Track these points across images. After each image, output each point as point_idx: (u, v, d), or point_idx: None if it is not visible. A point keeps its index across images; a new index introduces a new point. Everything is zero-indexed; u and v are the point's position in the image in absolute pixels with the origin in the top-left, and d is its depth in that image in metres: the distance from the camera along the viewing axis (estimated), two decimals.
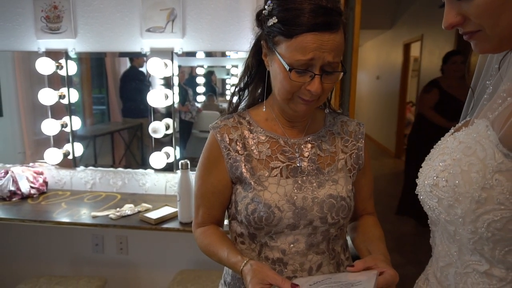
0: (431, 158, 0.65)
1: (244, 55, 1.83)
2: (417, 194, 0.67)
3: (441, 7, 0.55)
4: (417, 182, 0.67)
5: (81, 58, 1.92)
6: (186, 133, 2.01)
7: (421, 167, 0.68)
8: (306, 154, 0.84)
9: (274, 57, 0.75)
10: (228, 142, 0.83)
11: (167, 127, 1.88)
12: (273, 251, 0.81)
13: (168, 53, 1.82)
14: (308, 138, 0.86)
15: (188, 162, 1.56)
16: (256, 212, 0.78)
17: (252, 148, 0.83)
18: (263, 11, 0.76)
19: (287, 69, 0.72)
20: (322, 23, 0.69)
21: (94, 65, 1.96)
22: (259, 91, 0.90)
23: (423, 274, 0.74)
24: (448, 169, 0.57)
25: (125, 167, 2.00)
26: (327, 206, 0.80)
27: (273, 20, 0.72)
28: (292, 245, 0.81)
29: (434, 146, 0.67)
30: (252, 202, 0.79)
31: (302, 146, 0.85)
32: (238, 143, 0.83)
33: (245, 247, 0.85)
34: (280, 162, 0.82)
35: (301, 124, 0.86)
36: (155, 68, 1.78)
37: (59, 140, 2.00)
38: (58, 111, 1.97)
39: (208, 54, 1.85)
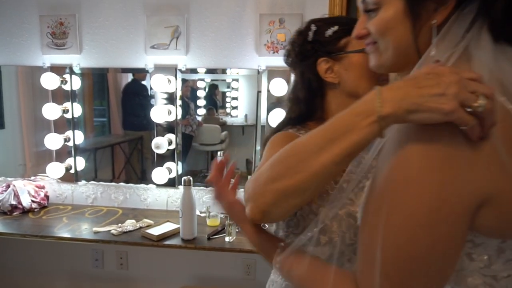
0: None
1: (245, 72, 1.85)
2: None
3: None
4: None
5: (86, 74, 1.94)
6: (187, 146, 2.02)
7: None
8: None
9: (349, 58, 0.81)
10: None
11: (170, 143, 1.89)
12: None
13: (172, 70, 1.84)
14: None
15: (191, 178, 1.57)
16: (352, 228, 0.78)
17: None
18: (310, 33, 0.83)
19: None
20: None
21: (99, 80, 1.98)
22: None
23: None
24: None
25: (126, 181, 2.01)
26: None
27: (333, 28, 0.81)
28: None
29: None
30: (344, 216, 0.78)
31: None
32: None
33: None
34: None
35: None
36: (159, 84, 1.80)
37: (61, 153, 2.00)
38: (60, 125, 1.99)
39: (210, 71, 1.87)
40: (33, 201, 1.88)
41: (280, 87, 1.75)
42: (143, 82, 1.93)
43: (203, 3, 1.79)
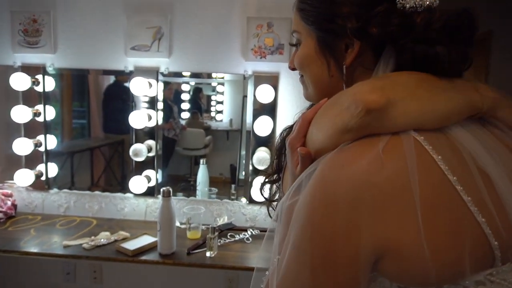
0: None
1: (231, 76, 1.77)
2: None
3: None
4: None
5: (61, 74, 1.82)
6: (169, 150, 1.92)
7: None
8: None
9: None
10: None
11: (149, 150, 1.79)
12: None
13: (153, 72, 1.75)
14: None
15: (171, 189, 1.47)
16: None
17: None
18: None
19: None
20: None
21: (75, 81, 1.87)
22: None
23: None
24: None
25: (104, 187, 1.90)
26: None
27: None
28: None
29: None
30: None
31: None
32: None
33: None
34: None
35: None
36: (139, 88, 1.70)
37: (34, 159, 1.87)
38: (33, 128, 1.85)
39: (195, 75, 1.79)
40: None
41: (267, 93, 1.68)
42: (126, 84, 1.83)
43: (188, 4, 1.71)
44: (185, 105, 1.90)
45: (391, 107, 0.42)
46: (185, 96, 1.89)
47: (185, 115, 1.92)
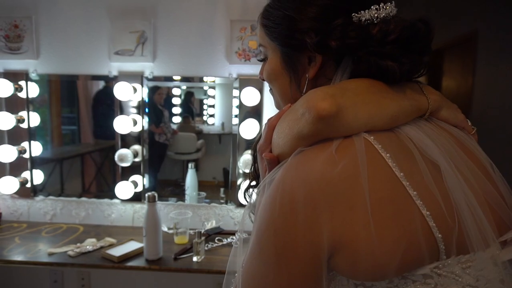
0: None
1: (220, 80, 1.77)
2: None
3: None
4: None
5: (48, 80, 1.80)
6: (160, 155, 1.91)
7: None
8: None
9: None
10: None
11: (135, 155, 1.77)
12: None
13: (138, 77, 1.74)
14: None
15: (156, 194, 1.46)
16: None
17: None
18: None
19: None
20: None
21: (62, 87, 1.85)
22: None
23: None
24: None
25: (96, 193, 1.88)
26: None
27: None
28: None
29: None
30: None
31: None
32: None
33: None
34: None
35: None
36: (123, 93, 1.69)
37: (18, 166, 1.84)
38: (17, 135, 1.83)
39: (185, 79, 1.77)
40: None
41: (253, 96, 1.68)
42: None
43: (171, 8, 1.70)
44: (176, 110, 1.89)
45: (342, 113, 0.44)
46: (176, 101, 1.88)
47: (177, 119, 1.91)
